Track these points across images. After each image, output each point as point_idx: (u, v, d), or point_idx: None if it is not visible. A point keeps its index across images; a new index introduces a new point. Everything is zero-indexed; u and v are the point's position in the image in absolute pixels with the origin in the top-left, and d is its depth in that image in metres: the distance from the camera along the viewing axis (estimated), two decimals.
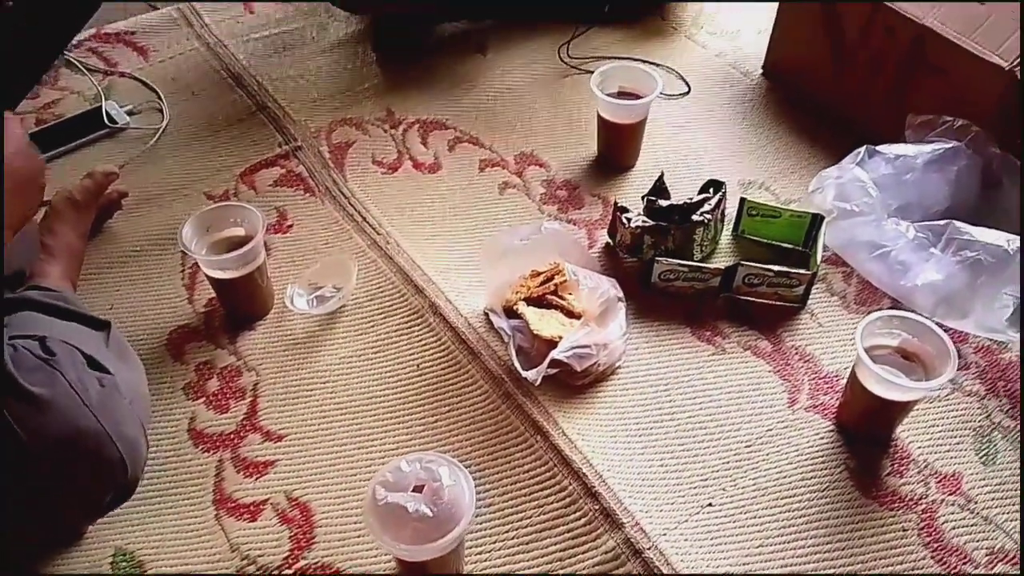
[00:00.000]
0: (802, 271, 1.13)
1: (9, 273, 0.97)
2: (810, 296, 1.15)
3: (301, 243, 1.23)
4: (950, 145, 1.20)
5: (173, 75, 1.52)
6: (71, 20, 0.94)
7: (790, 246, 1.23)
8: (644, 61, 1.54)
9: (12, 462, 0.75)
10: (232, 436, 1.00)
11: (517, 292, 1.10)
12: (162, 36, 1.61)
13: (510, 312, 1.09)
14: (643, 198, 1.21)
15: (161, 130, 1.40)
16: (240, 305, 1.11)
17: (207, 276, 1.08)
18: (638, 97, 1.30)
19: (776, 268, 1.12)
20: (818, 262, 1.15)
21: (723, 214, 1.23)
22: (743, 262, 1.13)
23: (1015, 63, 1.16)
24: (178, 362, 1.08)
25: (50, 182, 0.89)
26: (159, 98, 1.47)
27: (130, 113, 1.43)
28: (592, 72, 1.33)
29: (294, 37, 1.60)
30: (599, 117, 1.33)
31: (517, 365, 1.04)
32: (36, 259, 1.02)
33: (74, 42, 1.53)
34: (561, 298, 1.10)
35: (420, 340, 1.10)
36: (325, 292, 1.13)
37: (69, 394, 0.78)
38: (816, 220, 1.19)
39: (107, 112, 1.41)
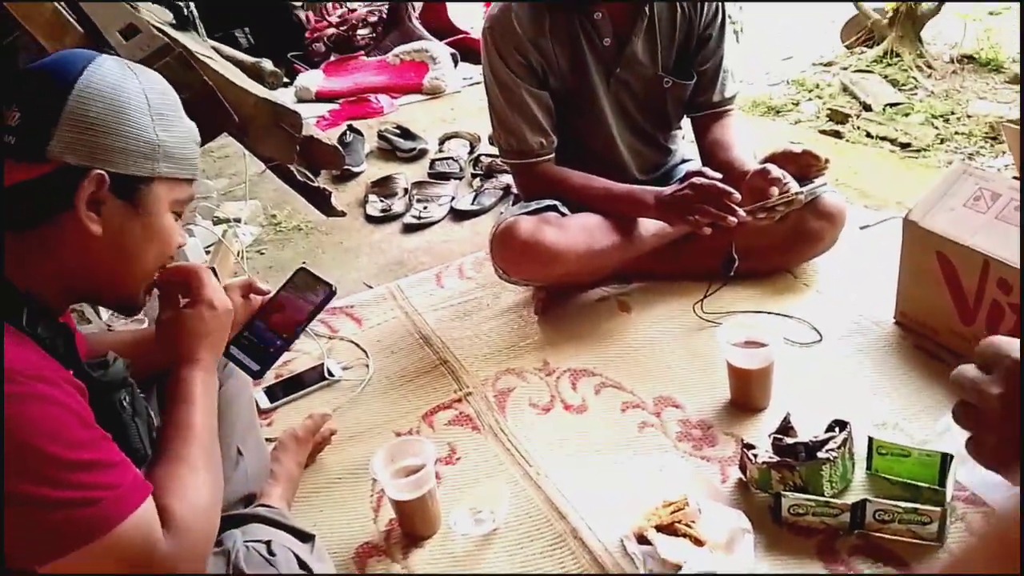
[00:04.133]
0: (933, 508, 1.14)
1: (247, 494, 1.22)
2: (948, 534, 1.15)
3: (466, 473, 1.41)
4: None
5: (379, 338, 1.84)
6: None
7: (924, 485, 1.24)
8: (776, 314, 1.68)
9: None
10: None
11: (649, 520, 1.20)
12: (373, 308, 1.96)
13: (642, 539, 1.19)
14: (770, 436, 1.30)
15: (366, 381, 1.69)
16: (413, 524, 1.28)
17: (389, 498, 1.28)
18: (763, 346, 1.43)
19: (905, 504, 1.14)
20: (948, 499, 1.16)
21: (851, 452, 1.27)
22: (871, 499, 1.17)
23: None
24: (360, 571, 1.25)
25: (279, 421, 1.16)
26: (367, 356, 1.77)
27: (344, 368, 1.74)
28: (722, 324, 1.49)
29: (472, 305, 1.90)
30: (728, 364, 1.47)
31: None
32: (265, 482, 1.28)
33: None
34: (688, 527, 1.18)
35: (561, 561, 1.20)
36: (483, 515, 1.28)
37: None
38: (946, 459, 1.20)
39: (327, 368, 1.72)
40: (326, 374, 1.71)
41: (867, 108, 3.01)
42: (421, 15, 4.22)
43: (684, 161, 1.95)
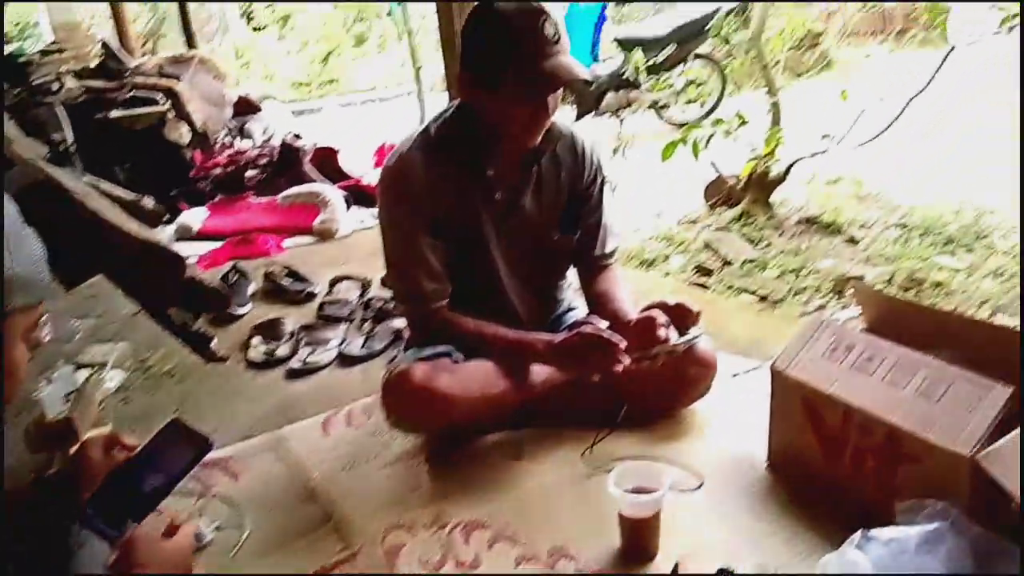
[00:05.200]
0: None
1: None
2: None
3: None
4: (935, 526, 1.28)
5: (257, 493, 1.73)
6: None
7: None
8: (662, 459, 1.72)
9: None
10: None
11: None
12: (252, 460, 1.85)
13: None
14: None
15: (240, 544, 1.56)
16: None
17: None
18: (652, 492, 1.45)
19: None
20: None
21: None
22: None
23: (975, 450, 1.30)
24: None
25: None
26: (243, 515, 1.65)
27: (217, 529, 1.60)
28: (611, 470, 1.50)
29: (361, 454, 1.84)
30: (619, 513, 1.47)
31: None
32: None
33: None
34: None
35: None
36: None
37: None
38: None
39: (198, 530, 1.59)
40: (194, 538, 1.57)
41: (728, 263, 3.25)
42: (313, 159, 4.29)
43: (571, 309, 2.02)
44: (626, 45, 5.84)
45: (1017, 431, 1.31)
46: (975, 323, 1.72)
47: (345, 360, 2.39)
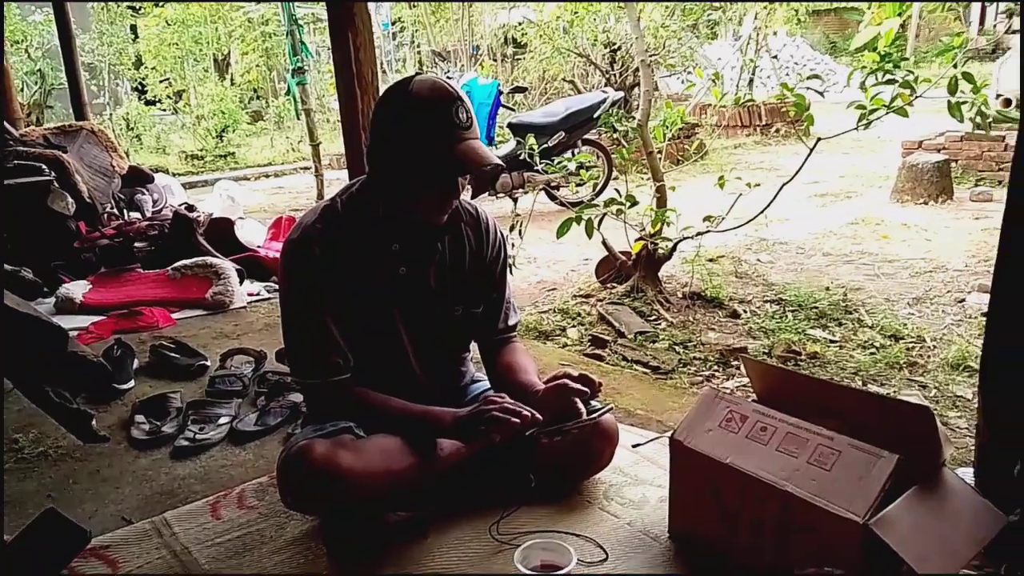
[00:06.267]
0: None
1: None
2: None
3: None
4: None
5: None
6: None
7: None
8: (567, 533, 1.67)
9: None
10: None
11: None
12: (133, 548, 1.68)
13: None
14: None
15: None
16: None
17: None
18: (559, 568, 1.40)
19: None
20: None
21: None
22: None
23: (867, 516, 1.32)
24: None
25: None
26: None
27: None
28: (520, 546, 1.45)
29: (254, 538, 1.70)
30: None
31: None
32: None
33: None
34: None
35: None
36: None
37: None
38: None
39: None
40: None
41: (621, 335, 3.31)
42: (207, 231, 4.13)
43: (475, 381, 1.97)
44: (519, 131, 6.02)
45: (906, 496, 1.35)
46: (856, 392, 1.79)
47: (237, 437, 2.24)
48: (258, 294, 3.67)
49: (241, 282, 3.67)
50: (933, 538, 1.33)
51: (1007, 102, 6.38)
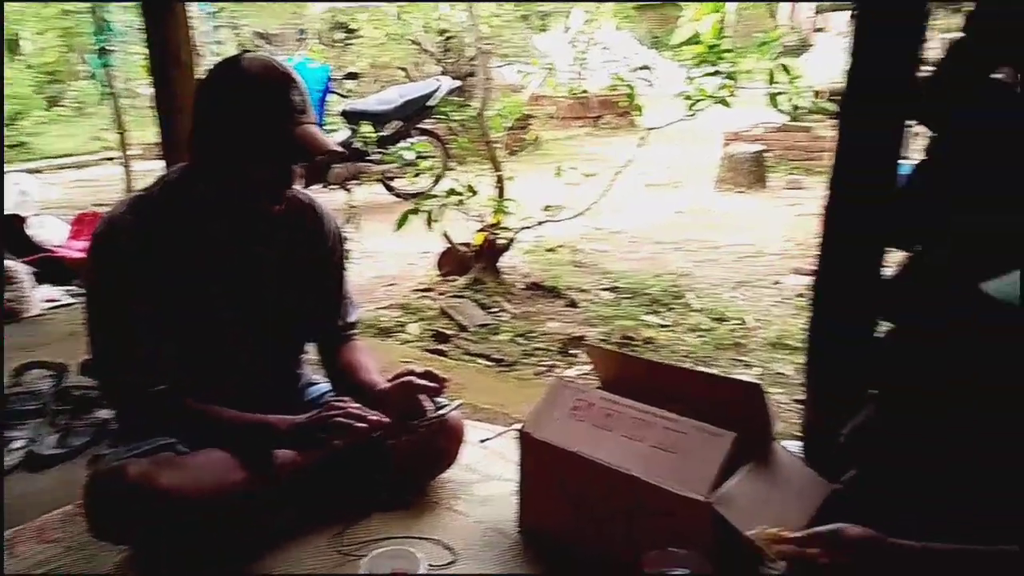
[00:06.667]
0: None
1: None
2: None
3: None
4: (680, 574, 1.33)
5: None
6: None
7: None
8: (415, 538, 1.61)
9: None
10: None
11: None
12: None
13: None
14: None
15: None
16: None
17: None
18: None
19: None
20: None
21: None
22: None
23: (710, 495, 1.36)
24: None
25: None
26: None
27: None
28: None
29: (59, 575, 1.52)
30: None
31: None
32: None
33: None
34: None
35: None
36: None
37: None
38: None
39: None
40: None
41: (464, 329, 3.29)
42: None
43: (311, 384, 1.86)
44: (352, 119, 5.84)
45: (742, 472, 1.41)
46: (693, 373, 1.86)
47: (35, 462, 1.99)
48: (58, 300, 3.30)
49: (37, 286, 3.29)
50: (769, 511, 1.39)
51: (816, 94, 7.01)
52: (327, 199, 2.00)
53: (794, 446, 1.78)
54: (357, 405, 1.53)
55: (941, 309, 1.41)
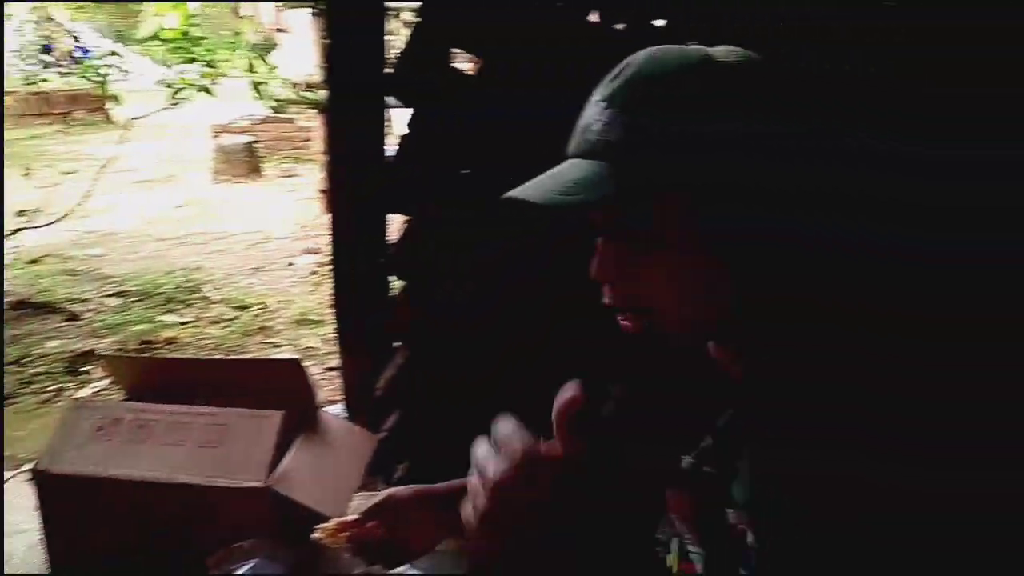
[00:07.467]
0: None
1: None
2: None
3: None
4: (249, 565, 1.29)
5: None
6: None
7: None
8: None
9: None
10: None
11: None
12: None
13: None
14: None
15: None
16: None
17: None
18: None
19: None
20: None
21: None
22: None
23: (267, 479, 1.34)
24: None
25: None
26: None
27: None
28: None
29: None
30: None
31: None
32: None
33: None
34: None
35: None
36: None
37: None
38: None
39: None
40: None
41: None
42: None
43: None
44: None
45: (294, 448, 1.42)
46: (228, 363, 1.80)
47: None
48: None
49: None
50: (327, 477, 1.44)
51: (294, 85, 7.20)
52: None
53: (337, 409, 1.86)
54: None
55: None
